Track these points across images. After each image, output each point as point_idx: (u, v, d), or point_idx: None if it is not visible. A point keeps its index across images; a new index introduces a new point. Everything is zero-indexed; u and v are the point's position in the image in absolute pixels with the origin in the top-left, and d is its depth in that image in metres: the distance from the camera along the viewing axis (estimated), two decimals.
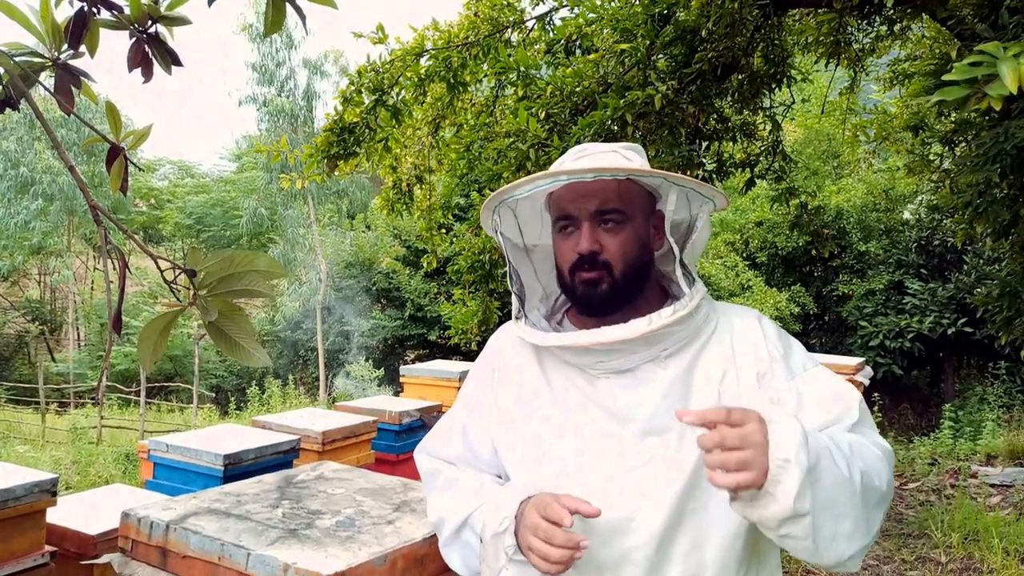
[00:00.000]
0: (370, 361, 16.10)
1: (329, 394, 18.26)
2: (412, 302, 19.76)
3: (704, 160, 3.52)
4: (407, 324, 19.71)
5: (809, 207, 4.31)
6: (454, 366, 5.40)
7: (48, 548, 2.73)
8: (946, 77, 1.09)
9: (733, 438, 0.99)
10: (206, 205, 27.03)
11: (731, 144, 3.95)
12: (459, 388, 5.01)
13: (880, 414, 8.83)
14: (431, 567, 1.45)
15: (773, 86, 3.84)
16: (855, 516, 1.05)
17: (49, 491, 2.70)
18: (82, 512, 3.01)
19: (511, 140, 2.82)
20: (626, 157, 1.31)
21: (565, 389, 1.28)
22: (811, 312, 13.21)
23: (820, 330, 13.70)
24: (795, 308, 12.58)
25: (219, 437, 3.55)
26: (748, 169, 3.91)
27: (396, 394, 6.38)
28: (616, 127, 2.76)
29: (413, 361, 19.04)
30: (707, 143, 3.71)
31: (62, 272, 24.63)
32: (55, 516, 2.83)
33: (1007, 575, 4.57)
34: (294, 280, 21.75)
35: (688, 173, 3.41)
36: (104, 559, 1.45)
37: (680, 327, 1.22)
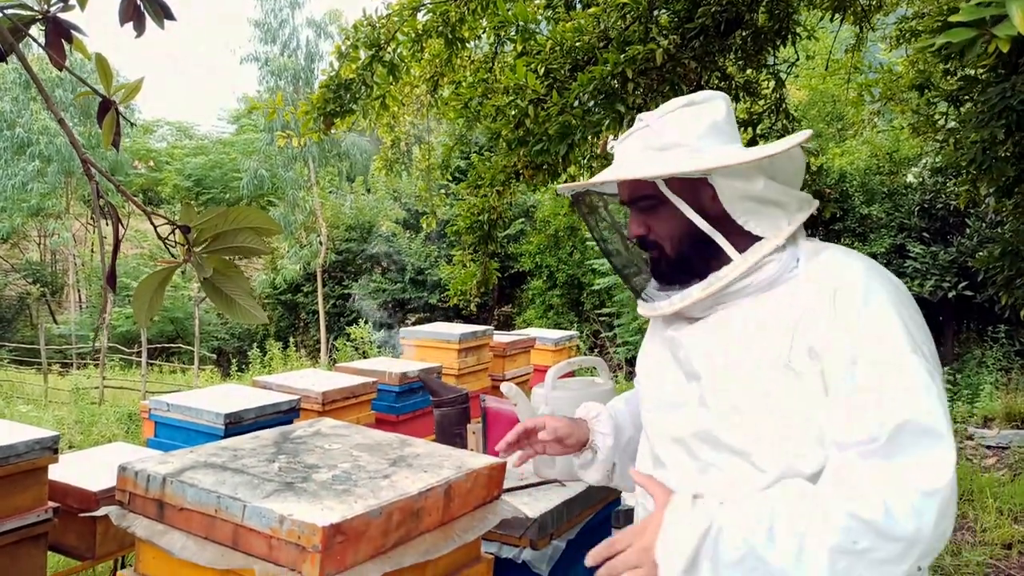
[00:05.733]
0: (370, 324, 16.14)
1: (330, 356, 18.35)
2: (412, 265, 19.75)
3: None
4: (407, 287, 19.74)
5: (812, 167, 4.24)
6: (454, 328, 5.40)
7: (51, 504, 2.76)
8: (952, 19, 1.05)
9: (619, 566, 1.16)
10: (205, 167, 26.86)
11: (734, 103, 3.88)
12: (459, 350, 5.05)
13: None
14: (427, 520, 1.45)
15: (777, 43, 3.76)
16: None
17: (50, 448, 2.73)
18: (84, 469, 3.04)
19: (510, 97, 2.78)
20: (656, 134, 1.30)
21: (652, 336, 1.49)
22: None
23: None
24: None
25: (220, 397, 3.56)
26: (751, 128, 3.84)
27: (396, 356, 6.41)
28: (616, 83, 2.71)
29: (414, 324, 19.09)
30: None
31: (61, 234, 24.57)
32: (58, 473, 2.86)
33: (999, 534, 4.63)
34: (294, 243, 21.71)
35: None
36: (102, 512, 1.46)
37: (728, 290, 1.26)
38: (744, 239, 1.27)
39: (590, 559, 1.18)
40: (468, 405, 2.37)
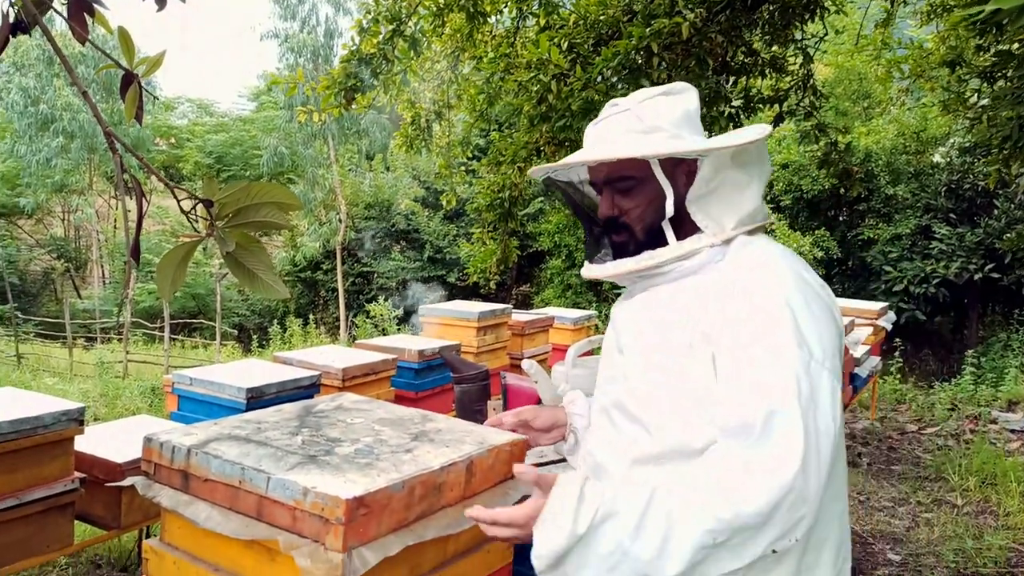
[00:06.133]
0: (389, 301, 16.21)
1: (349, 333, 18.48)
2: (431, 244, 19.77)
3: (731, 95, 3.40)
4: (426, 266, 19.77)
5: (839, 145, 4.17)
6: (473, 306, 5.40)
7: (77, 474, 2.81)
8: None
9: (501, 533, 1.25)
10: (226, 144, 26.94)
11: (759, 79, 3.82)
12: (478, 329, 5.06)
13: (901, 360, 8.78)
14: (448, 495, 1.46)
15: (805, 17, 3.68)
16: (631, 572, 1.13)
17: (76, 420, 2.77)
18: (110, 441, 3.09)
19: (532, 73, 2.74)
20: (637, 118, 1.36)
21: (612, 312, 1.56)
22: (835, 257, 13.02)
23: (843, 275, 13.53)
24: (819, 252, 12.39)
25: (242, 371, 3.59)
26: (777, 105, 3.78)
27: (415, 334, 6.43)
28: (641, 58, 2.66)
29: (432, 302, 19.10)
30: (734, 78, 3.58)
31: (85, 210, 24.83)
32: (84, 444, 2.90)
33: (1023, 518, 4.58)
34: (314, 221, 21.79)
35: (715, 108, 3.30)
36: (128, 482, 1.47)
37: (659, 270, 1.35)
38: (686, 227, 1.35)
39: (471, 512, 1.26)
40: (488, 382, 2.37)
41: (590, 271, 1.47)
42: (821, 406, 1.13)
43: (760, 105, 3.79)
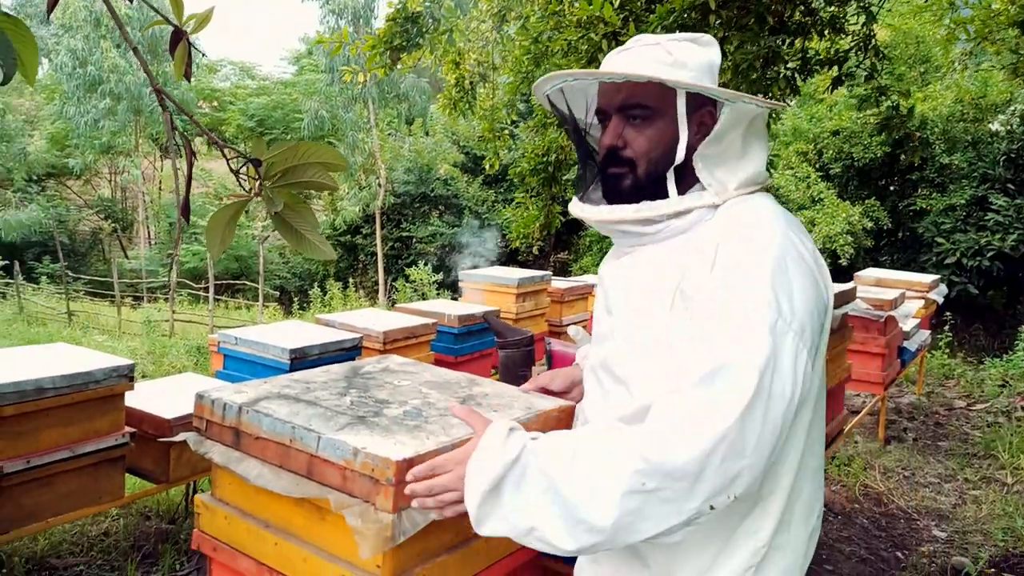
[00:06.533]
0: (429, 266, 16.29)
1: (388, 297, 18.63)
2: (470, 209, 19.75)
3: (787, 57, 3.25)
4: (464, 231, 19.78)
5: (901, 109, 3.98)
6: (513, 272, 5.38)
7: (128, 429, 2.87)
8: None
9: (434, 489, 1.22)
10: (267, 107, 27.12)
11: (817, 40, 3.65)
12: (517, 295, 5.05)
13: (950, 334, 8.55)
14: None
15: None
16: (562, 515, 1.11)
17: (127, 376, 2.82)
18: (158, 397, 3.15)
19: (582, 32, 2.65)
20: (666, 52, 1.28)
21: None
22: (884, 227, 12.66)
23: (892, 246, 13.16)
24: (868, 223, 12.06)
25: (285, 332, 3.63)
26: (835, 67, 3.61)
27: (454, 299, 6.44)
28: (697, 15, 2.56)
29: (470, 267, 19.15)
30: (791, 38, 3.43)
31: (131, 172, 25.29)
32: (133, 400, 2.97)
33: None
34: (353, 185, 21.89)
35: (771, 68, 3.17)
36: (180, 437, 1.48)
37: (651, 228, 1.29)
38: (686, 181, 1.29)
39: (410, 475, 1.23)
40: (533, 347, 2.35)
41: (580, 209, 1.38)
42: (780, 368, 1.10)
43: (817, 67, 3.63)
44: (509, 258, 15.68)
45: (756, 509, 1.21)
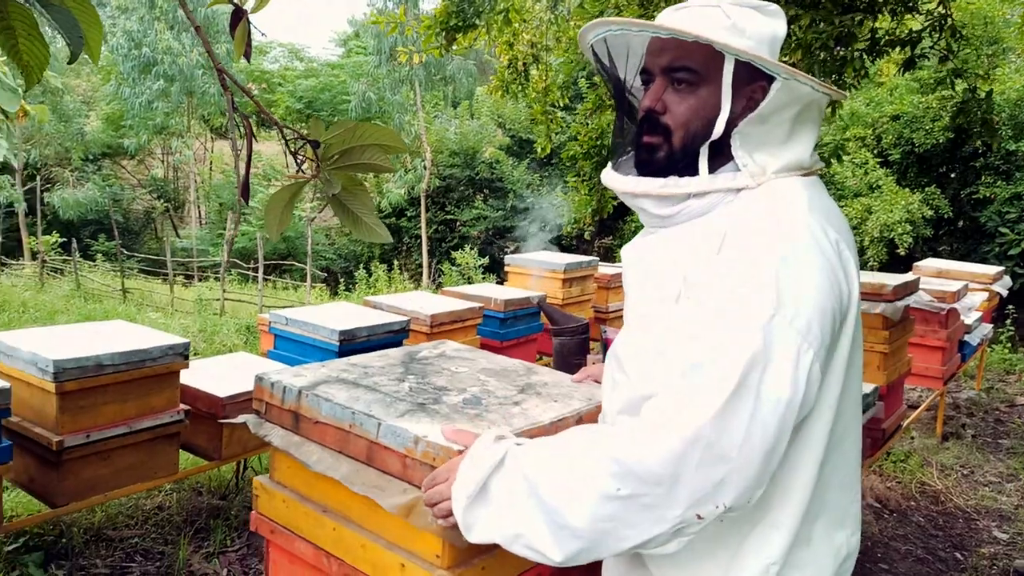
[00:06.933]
0: (474, 250, 16.30)
1: (432, 279, 18.73)
2: (514, 193, 19.68)
3: (859, 36, 3.09)
4: (509, 215, 19.74)
5: (979, 92, 3.77)
6: (559, 257, 5.33)
7: (183, 406, 2.92)
8: None
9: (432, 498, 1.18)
10: (315, 89, 27.33)
11: (888, 20, 3.47)
12: (563, 280, 5.00)
13: (1012, 328, 8.23)
14: None
15: None
16: (546, 521, 1.07)
17: (182, 354, 2.86)
18: (212, 376, 3.19)
19: (642, 11, 2.57)
20: (724, 15, 1.16)
21: None
22: (944, 216, 12.21)
23: (952, 236, 12.69)
24: (927, 211, 11.63)
25: (334, 314, 3.65)
26: (908, 48, 3.43)
27: (499, 283, 6.41)
28: None
29: (513, 252, 19.16)
30: (861, 17, 3.26)
31: (183, 152, 25.78)
32: (187, 378, 3.01)
33: None
34: (399, 167, 22.00)
35: (845, 49, 3.02)
36: (240, 420, 1.48)
37: (670, 206, 1.19)
38: (719, 160, 1.19)
39: (425, 483, 1.21)
40: (588, 335, 2.30)
41: (610, 178, 1.28)
42: (772, 367, 1.00)
43: (887, 48, 3.46)
44: (553, 242, 15.61)
45: (764, 522, 1.12)
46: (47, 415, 2.56)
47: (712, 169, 1.18)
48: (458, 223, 20.82)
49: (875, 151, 12.81)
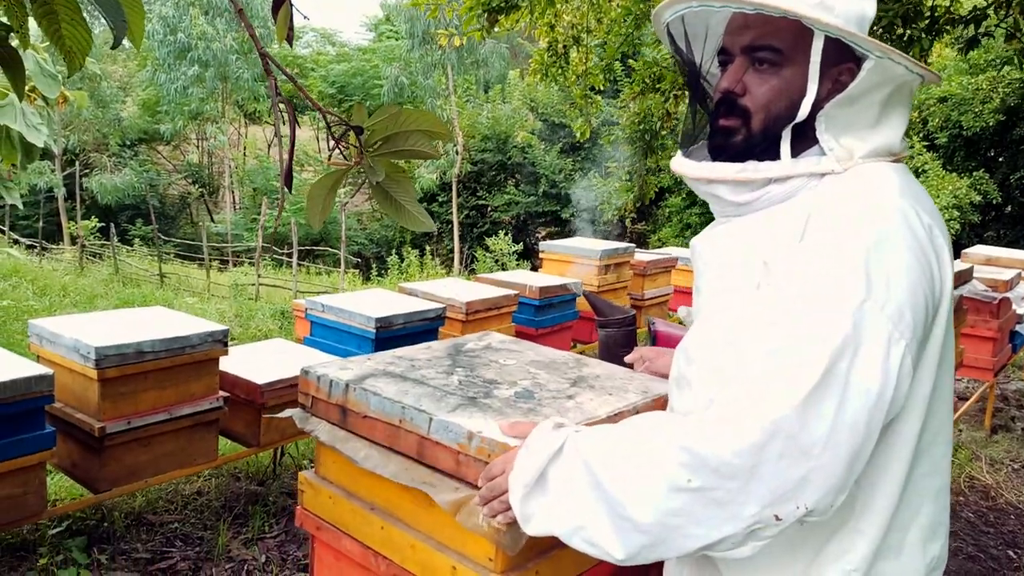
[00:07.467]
0: (508, 235, 16.24)
1: (464, 265, 18.72)
2: (546, 178, 19.56)
3: (923, 12, 2.93)
4: (540, 200, 19.63)
5: None
6: (596, 244, 5.24)
7: (222, 393, 2.91)
8: None
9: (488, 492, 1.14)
10: (348, 74, 27.39)
11: None
12: (600, 267, 4.92)
13: None
14: None
15: None
16: (608, 513, 1.00)
17: (221, 341, 2.84)
18: (250, 362, 3.18)
19: None
20: None
21: None
22: (993, 201, 11.84)
23: (1000, 221, 12.31)
24: (976, 196, 11.27)
25: (370, 301, 3.64)
26: (972, 26, 3.26)
27: (534, 269, 6.36)
28: None
29: (544, 238, 19.07)
30: None
31: (218, 138, 26.02)
32: (226, 365, 3.00)
33: None
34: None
35: (911, 27, 2.86)
36: (286, 414, 1.44)
37: (749, 192, 1.11)
38: (802, 144, 1.11)
39: (481, 480, 1.17)
40: (635, 327, 2.22)
41: (680, 165, 1.20)
42: (862, 356, 0.92)
43: (948, 27, 3.28)
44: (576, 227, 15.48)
45: (846, 527, 1.04)
46: (89, 401, 2.56)
47: (794, 153, 1.11)
48: (489, 208, 20.77)
49: (921, 134, 12.43)
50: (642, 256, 5.52)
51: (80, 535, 2.96)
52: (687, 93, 1.31)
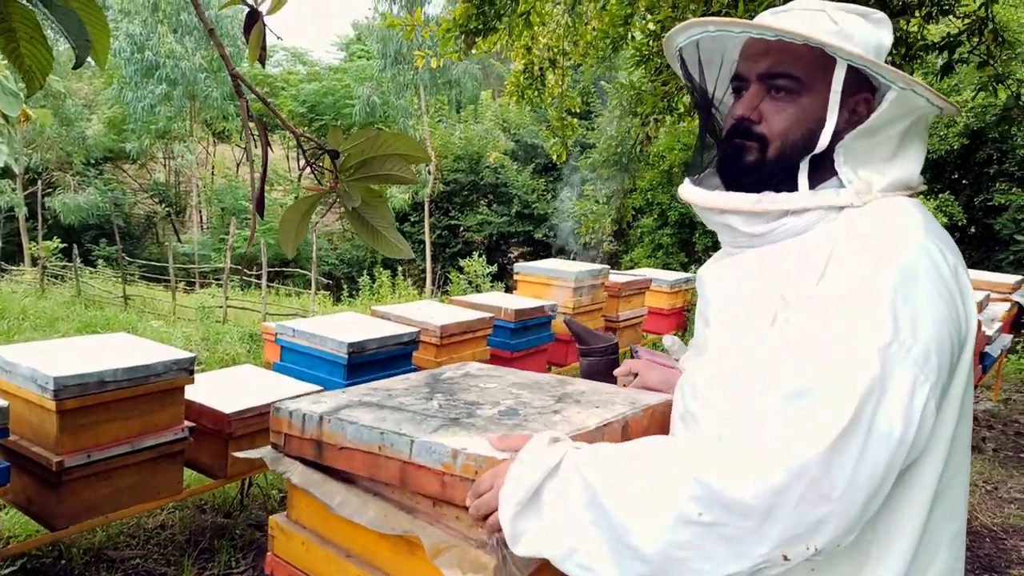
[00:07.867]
0: (483, 257, 16.19)
1: (436, 286, 18.61)
2: (519, 198, 19.57)
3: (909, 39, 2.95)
4: (513, 220, 19.63)
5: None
6: (570, 266, 5.20)
7: (187, 423, 2.79)
8: None
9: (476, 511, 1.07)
10: (319, 93, 27.25)
11: (925, 23, 3.33)
12: (575, 289, 4.87)
13: None
14: None
15: None
16: (607, 538, 0.97)
17: (187, 369, 2.73)
18: (217, 391, 3.07)
19: (679, 11, 2.44)
20: (831, 19, 1.07)
21: None
22: (959, 223, 12.05)
23: (964, 243, 12.54)
24: (942, 218, 11.47)
25: (342, 325, 3.56)
26: (945, 52, 3.30)
27: (508, 290, 6.28)
28: None
29: (517, 259, 19.08)
30: (895, 18, 3.13)
31: (185, 156, 25.68)
32: (192, 393, 2.89)
33: None
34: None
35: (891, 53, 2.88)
36: (256, 454, 1.35)
37: (764, 224, 1.08)
38: (820, 176, 1.09)
39: (469, 498, 1.10)
40: (617, 355, 2.17)
41: (689, 193, 1.16)
42: (887, 399, 0.90)
43: (922, 52, 3.32)
44: (557, 249, 15.49)
45: (863, 572, 1.00)
46: (47, 434, 2.43)
47: (811, 185, 1.08)
48: (462, 228, 20.72)
49: None
50: (616, 278, 5.50)
51: (37, 575, 2.81)
52: (696, 118, 1.29)
